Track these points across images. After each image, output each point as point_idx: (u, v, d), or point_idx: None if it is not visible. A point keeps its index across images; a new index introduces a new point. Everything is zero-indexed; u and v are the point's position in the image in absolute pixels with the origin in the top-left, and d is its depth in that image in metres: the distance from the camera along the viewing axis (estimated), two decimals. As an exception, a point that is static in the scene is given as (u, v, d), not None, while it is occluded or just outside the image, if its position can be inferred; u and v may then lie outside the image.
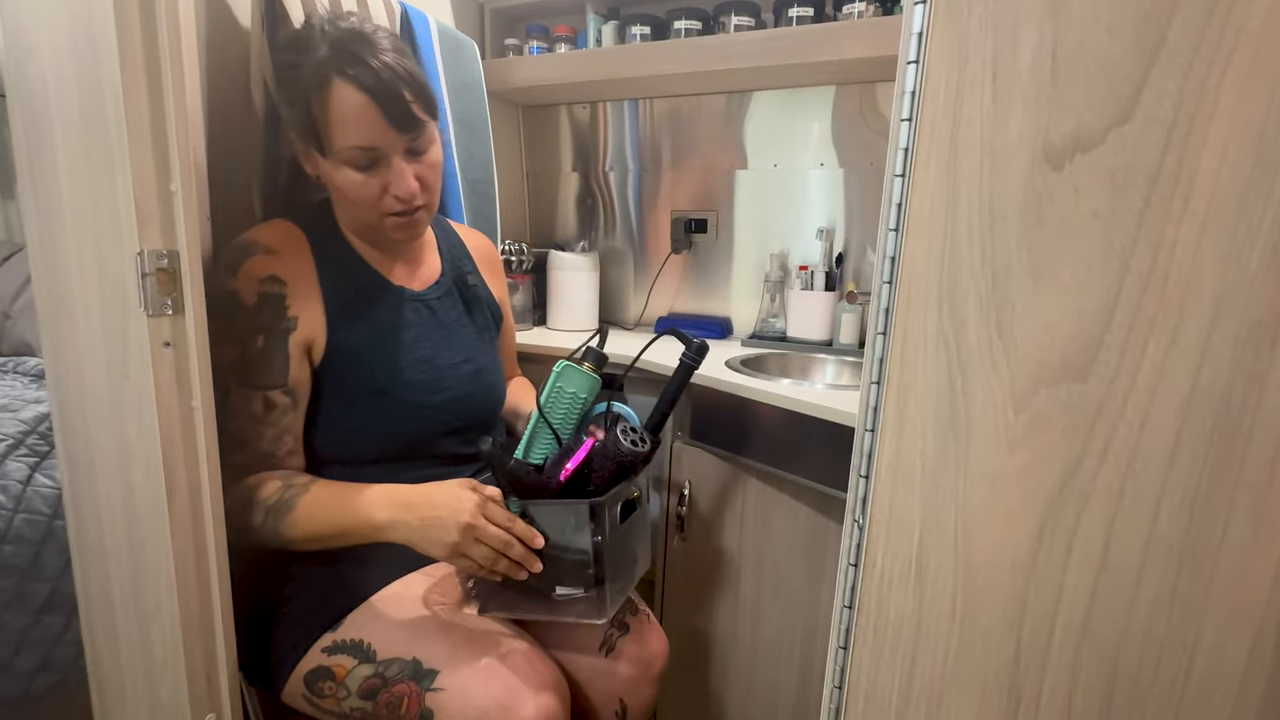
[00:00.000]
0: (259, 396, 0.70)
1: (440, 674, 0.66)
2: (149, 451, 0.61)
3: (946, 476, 0.34)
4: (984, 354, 0.32)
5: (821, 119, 1.26)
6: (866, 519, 0.35)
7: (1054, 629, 0.33)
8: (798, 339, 1.27)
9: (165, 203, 0.58)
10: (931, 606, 0.35)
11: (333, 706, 0.69)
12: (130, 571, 0.66)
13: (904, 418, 0.34)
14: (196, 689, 0.66)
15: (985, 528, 0.33)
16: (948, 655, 0.35)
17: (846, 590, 0.37)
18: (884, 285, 0.33)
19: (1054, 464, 0.32)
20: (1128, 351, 0.29)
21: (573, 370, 0.74)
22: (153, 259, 0.57)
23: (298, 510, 0.68)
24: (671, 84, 1.29)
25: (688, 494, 1.08)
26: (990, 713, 0.34)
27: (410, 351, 0.77)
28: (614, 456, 0.70)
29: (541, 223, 1.57)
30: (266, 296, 0.69)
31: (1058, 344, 0.31)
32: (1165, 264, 0.28)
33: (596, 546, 0.68)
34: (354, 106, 0.66)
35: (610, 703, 0.80)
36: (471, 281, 0.88)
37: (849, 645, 0.37)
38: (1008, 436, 0.32)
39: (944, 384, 0.33)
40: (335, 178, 0.70)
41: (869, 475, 0.35)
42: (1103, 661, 0.32)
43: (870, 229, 1.25)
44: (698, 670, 1.12)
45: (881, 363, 0.34)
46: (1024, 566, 0.33)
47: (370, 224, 0.73)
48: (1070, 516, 0.32)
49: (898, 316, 0.33)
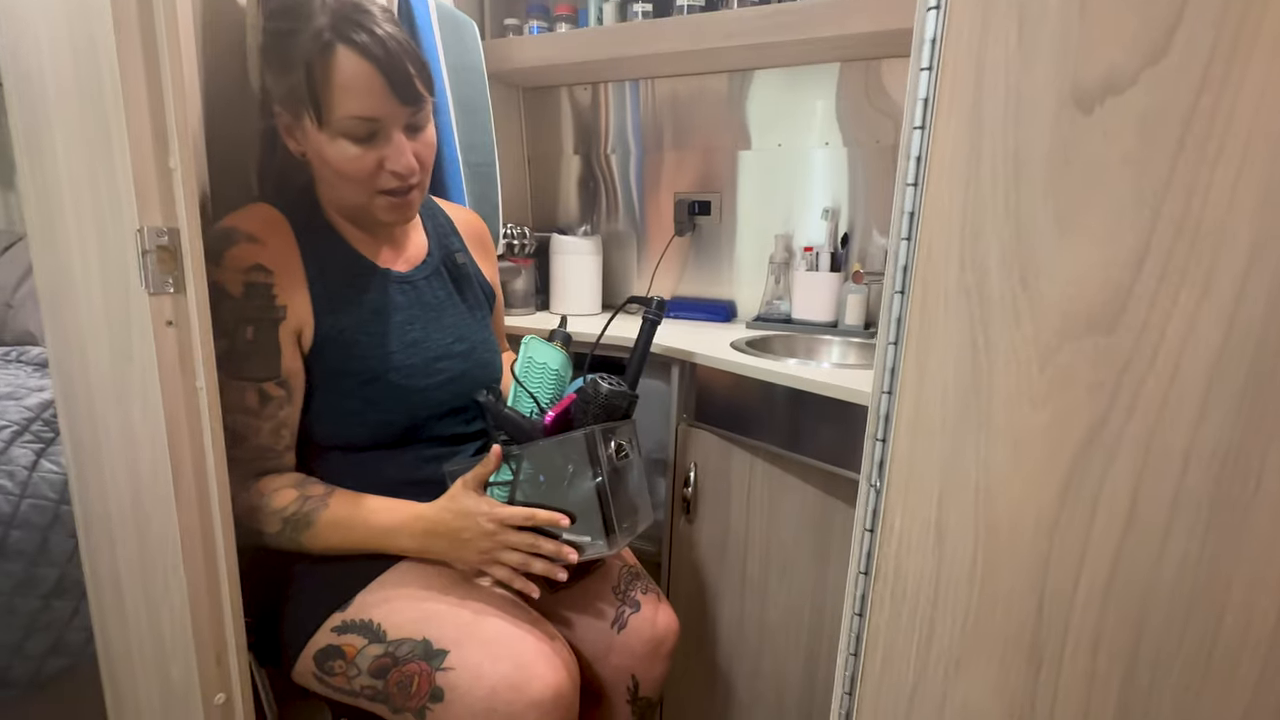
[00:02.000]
0: (253, 389, 0.69)
1: (450, 653, 0.66)
2: (154, 433, 0.61)
3: (968, 436, 0.33)
4: (1007, 308, 0.31)
5: (826, 97, 1.24)
6: (884, 482, 0.35)
7: (1077, 588, 0.32)
8: (803, 321, 1.26)
9: (164, 179, 0.57)
10: (951, 569, 0.34)
11: (343, 685, 0.69)
12: (137, 553, 0.66)
13: (924, 377, 0.33)
14: (206, 669, 0.66)
15: (1007, 487, 0.33)
16: (967, 618, 0.34)
17: (862, 557, 0.36)
18: (902, 242, 0.33)
19: (1079, 419, 0.31)
20: (1157, 302, 0.29)
21: (538, 341, 0.81)
22: (153, 236, 0.56)
23: (318, 526, 0.68)
24: (674, 63, 1.27)
25: (693, 476, 1.08)
26: (1011, 674, 0.34)
27: (400, 335, 0.76)
28: (595, 401, 0.72)
29: (543, 206, 1.56)
30: (253, 286, 0.68)
31: (1085, 295, 0.30)
32: (1198, 210, 0.27)
33: (599, 485, 0.69)
34: (358, 74, 0.64)
35: (622, 678, 0.80)
36: (460, 260, 0.86)
37: (865, 611, 0.36)
38: (1031, 393, 0.32)
39: (965, 341, 0.32)
40: (328, 151, 0.67)
41: (886, 439, 0.35)
42: (1127, 621, 0.31)
43: (876, 209, 1.24)
44: (705, 651, 1.12)
45: (899, 322, 0.33)
46: (1047, 525, 0.32)
47: (360, 203, 0.71)
48: (1095, 473, 0.31)
49: (917, 273, 0.32)
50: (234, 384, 0.68)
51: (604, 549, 0.71)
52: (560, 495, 0.72)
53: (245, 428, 0.69)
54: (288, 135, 0.70)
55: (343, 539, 0.69)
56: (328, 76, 0.64)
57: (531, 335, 0.83)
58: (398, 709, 0.68)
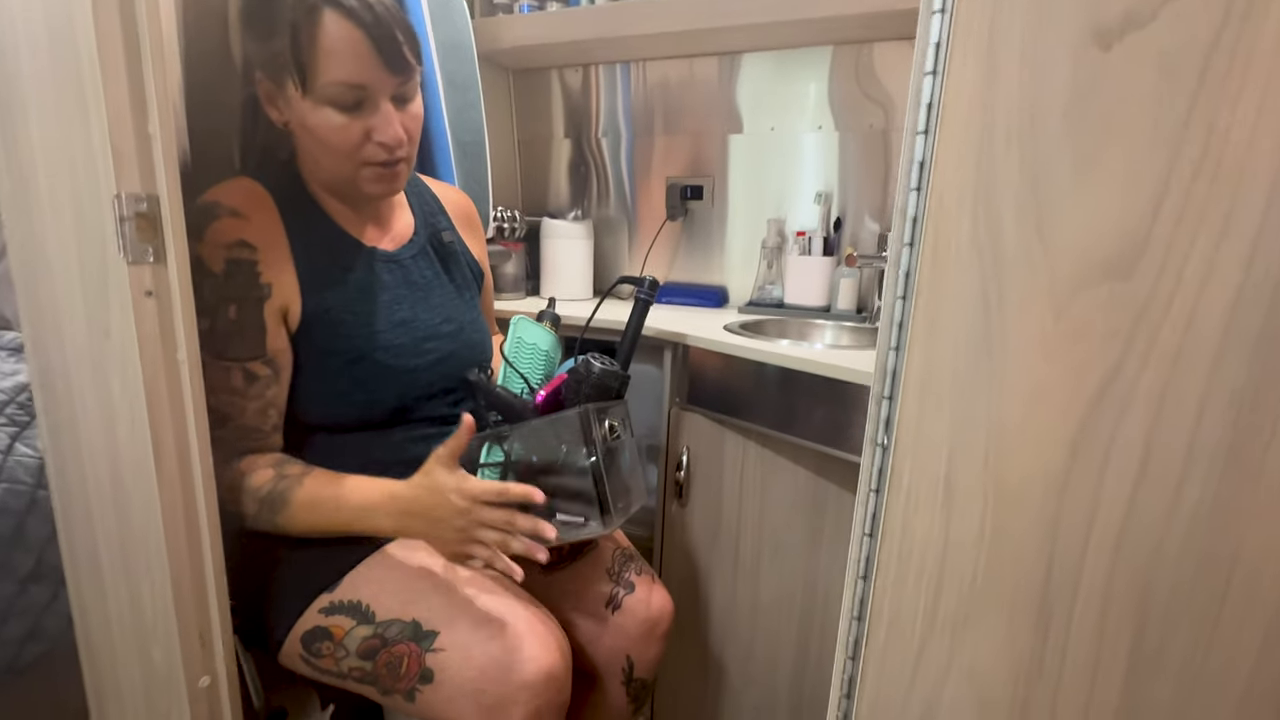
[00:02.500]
0: (238, 369, 0.67)
1: (440, 634, 0.65)
2: (133, 407, 0.59)
3: (979, 390, 0.32)
4: (1022, 258, 0.31)
5: (818, 81, 1.24)
6: (892, 440, 0.34)
7: (1088, 544, 0.32)
8: (795, 305, 1.26)
9: (143, 145, 0.55)
10: (959, 527, 0.34)
11: (331, 667, 0.68)
12: (117, 532, 0.65)
13: (934, 332, 0.33)
14: (190, 650, 0.65)
15: (1018, 442, 0.32)
16: (975, 577, 0.34)
17: (867, 519, 0.36)
18: (912, 193, 0.32)
19: (1093, 370, 0.30)
20: (1175, 245, 0.28)
21: (527, 322, 0.81)
22: (131, 203, 0.54)
23: (293, 506, 0.66)
24: (667, 44, 1.26)
25: (685, 460, 1.08)
26: (1018, 634, 0.34)
27: (388, 314, 0.74)
28: (588, 380, 0.72)
29: (534, 191, 1.54)
30: (236, 263, 0.65)
31: (1101, 242, 0.29)
32: (1218, 150, 0.27)
33: (593, 465, 0.68)
34: (346, 39, 0.62)
35: (616, 660, 0.79)
36: (447, 239, 0.84)
37: (869, 574, 0.36)
38: (1045, 344, 0.31)
39: (977, 293, 0.32)
40: (312, 120, 0.65)
41: (893, 396, 0.34)
42: (1138, 576, 0.31)
43: (868, 194, 1.24)
44: (697, 635, 1.12)
45: (908, 276, 0.33)
46: (1058, 480, 0.32)
47: (344, 175, 0.69)
48: (1108, 425, 0.31)
49: (928, 224, 0.32)
50: (218, 364, 0.66)
51: (599, 529, 0.70)
52: (554, 476, 0.71)
53: (231, 408, 0.67)
54: (270, 104, 0.68)
55: (318, 519, 0.67)
56: (314, 40, 0.62)
57: (520, 315, 0.82)
58: (387, 691, 0.67)
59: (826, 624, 1.03)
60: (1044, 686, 0.34)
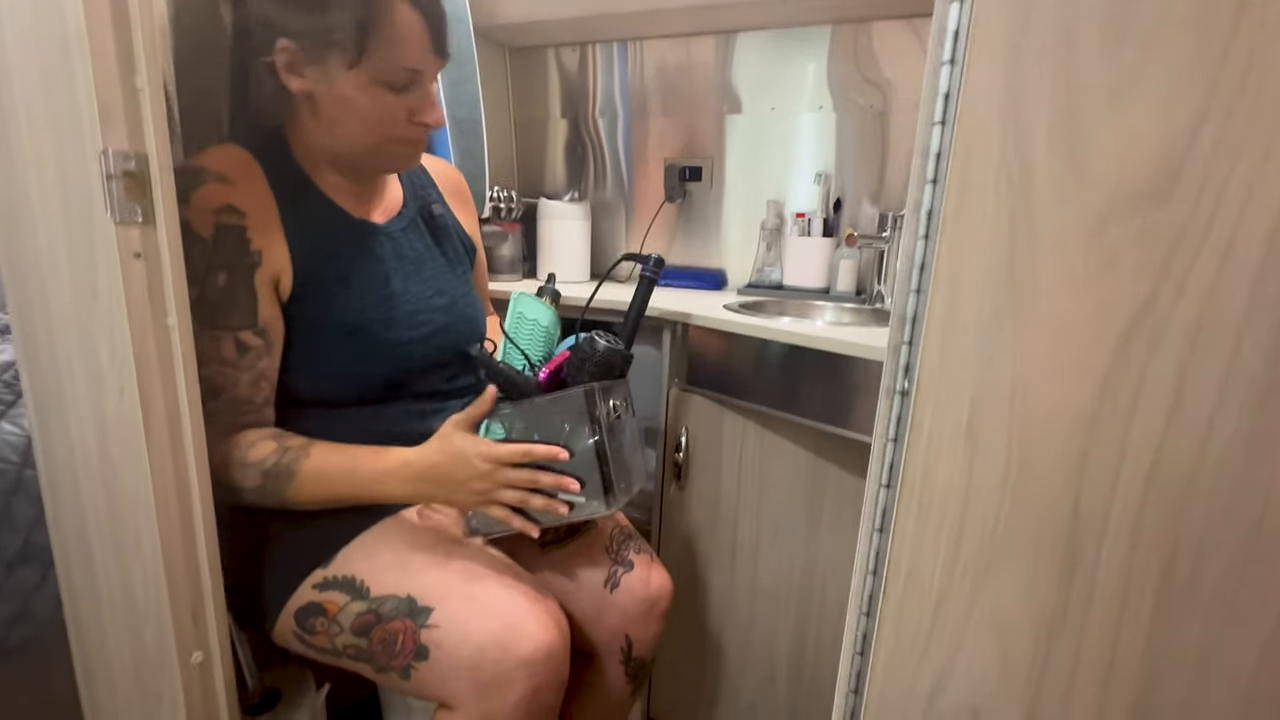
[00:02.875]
0: (229, 338, 0.65)
1: (435, 610, 0.64)
2: (122, 374, 0.57)
3: (1004, 329, 0.31)
4: (1053, 189, 0.30)
5: (817, 60, 1.22)
6: (913, 386, 0.33)
7: (1116, 483, 0.31)
8: (794, 287, 1.25)
9: (130, 100, 0.53)
10: (982, 473, 0.33)
11: (325, 644, 0.67)
12: (106, 506, 0.63)
13: (958, 269, 0.32)
14: (182, 627, 0.63)
15: (1045, 381, 0.31)
16: (998, 524, 0.33)
17: (884, 469, 0.35)
18: (935, 127, 0.31)
19: (1126, 302, 0.29)
20: (1213, 170, 0.27)
21: (528, 297, 0.80)
22: (118, 160, 0.53)
23: (301, 477, 0.65)
24: (663, 22, 1.24)
25: (684, 441, 1.07)
26: (1042, 580, 0.33)
27: (380, 286, 0.73)
28: (591, 357, 0.71)
29: (530, 172, 1.52)
30: (225, 229, 0.64)
31: (1137, 169, 0.28)
32: (1260, 75, 0.26)
33: (596, 444, 0.67)
34: (409, 24, 0.63)
35: (615, 639, 0.79)
36: (437, 211, 0.83)
37: (886, 527, 0.35)
38: (1074, 278, 0.30)
39: (1005, 228, 0.31)
40: (358, 95, 0.65)
41: (913, 341, 0.33)
42: (1168, 513, 0.30)
43: (867, 176, 1.23)
44: (695, 619, 1.11)
45: (930, 215, 0.31)
46: (1086, 419, 0.31)
47: (367, 148, 0.68)
48: (1140, 358, 0.30)
49: (955, 156, 0.30)
50: (209, 333, 0.64)
51: (601, 509, 0.69)
52: None
53: (223, 379, 0.65)
54: (290, 72, 0.65)
55: (328, 489, 0.66)
56: (381, 24, 0.62)
57: (521, 291, 0.82)
58: (382, 668, 0.65)
59: (825, 608, 1.03)
60: (1068, 631, 0.33)
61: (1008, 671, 0.34)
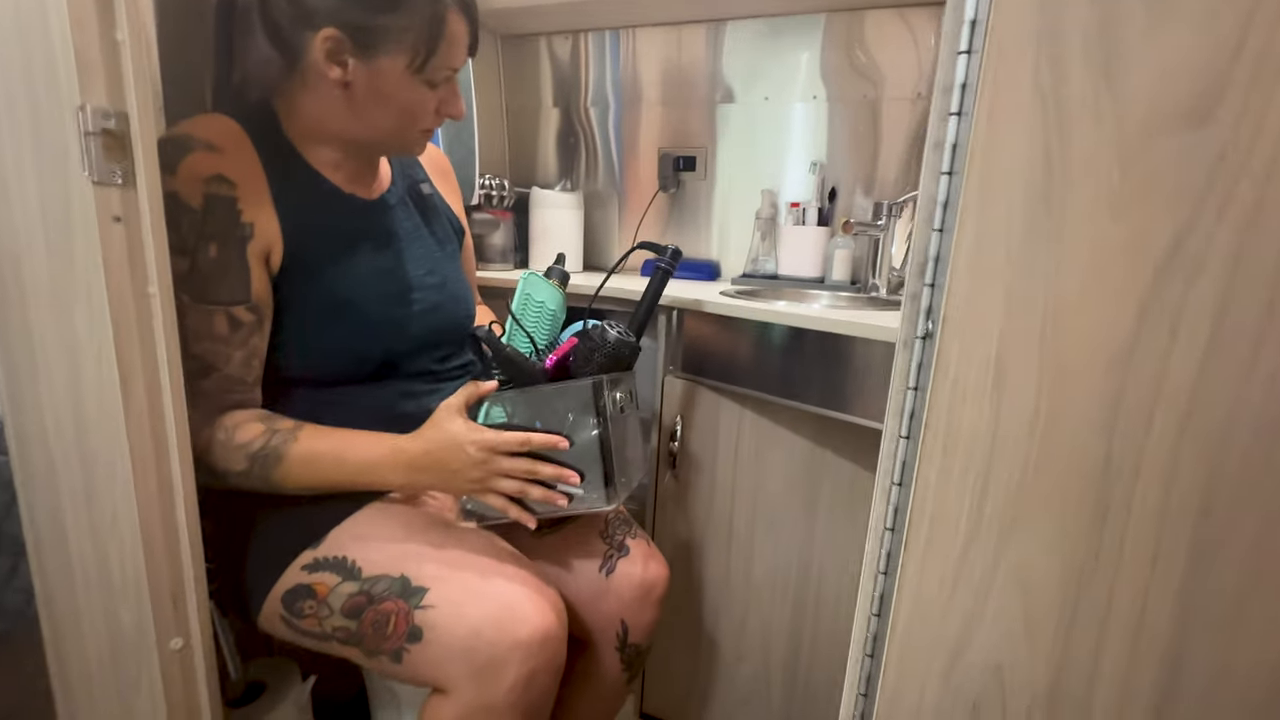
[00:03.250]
0: (221, 313, 0.63)
1: (430, 591, 0.62)
2: (100, 343, 0.55)
3: (1036, 260, 0.30)
4: (1088, 109, 0.29)
5: (810, 50, 1.22)
6: (939, 325, 0.32)
7: (1152, 423, 0.30)
8: (789, 276, 1.25)
9: (110, 54, 0.51)
10: (1010, 415, 0.32)
11: (313, 627, 0.64)
12: (82, 484, 0.60)
13: (986, 199, 0.30)
14: (162, 610, 0.61)
15: (1078, 315, 0.30)
16: (1026, 469, 0.32)
17: (905, 419, 0.34)
18: (960, 57, 0.30)
19: (1163, 230, 0.28)
20: (1257, 87, 0.26)
21: (537, 278, 0.79)
22: (97, 117, 0.50)
23: (289, 461, 0.63)
24: (656, 9, 1.23)
25: (679, 430, 1.05)
26: (1073, 525, 0.32)
27: (371, 263, 0.71)
28: (601, 348, 0.69)
29: (521, 161, 1.50)
30: (215, 199, 0.62)
31: (1176, 87, 0.27)
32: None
33: (601, 436, 0.65)
34: (459, 31, 0.66)
35: (611, 625, 0.77)
36: (426, 190, 0.82)
37: (906, 480, 0.34)
38: (1111, 203, 0.29)
39: (1038, 152, 0.30)
40: (402, 91, 0.66)
41: (935, 284, 0.32)
42: (1205, 452, 0.29)
43: (860, 165, 1.23)
44: (690, 610, 1.10)
45: (955, 149, 0.30)
46: (1121, 354, 0.30)
47: (391, 135, 0.70)
48: (1178, 290, 0.29)
49: (986, 78, 0.29)
50: (200, 308, 0.62)
51: (601, 503, 0.67)
52: None
53: (213, 357, 0.63)
54: (330, 60, 0.63)
55: (317, 475, 0.64)
56: (441, 32, 0.64)
57: (530, 271, 0.80)
58: (372, 652, 0.63)
59: (821, 598, 1.02)
60: (1098, 584, 0.32)
61: (1033, 627, 0.33)
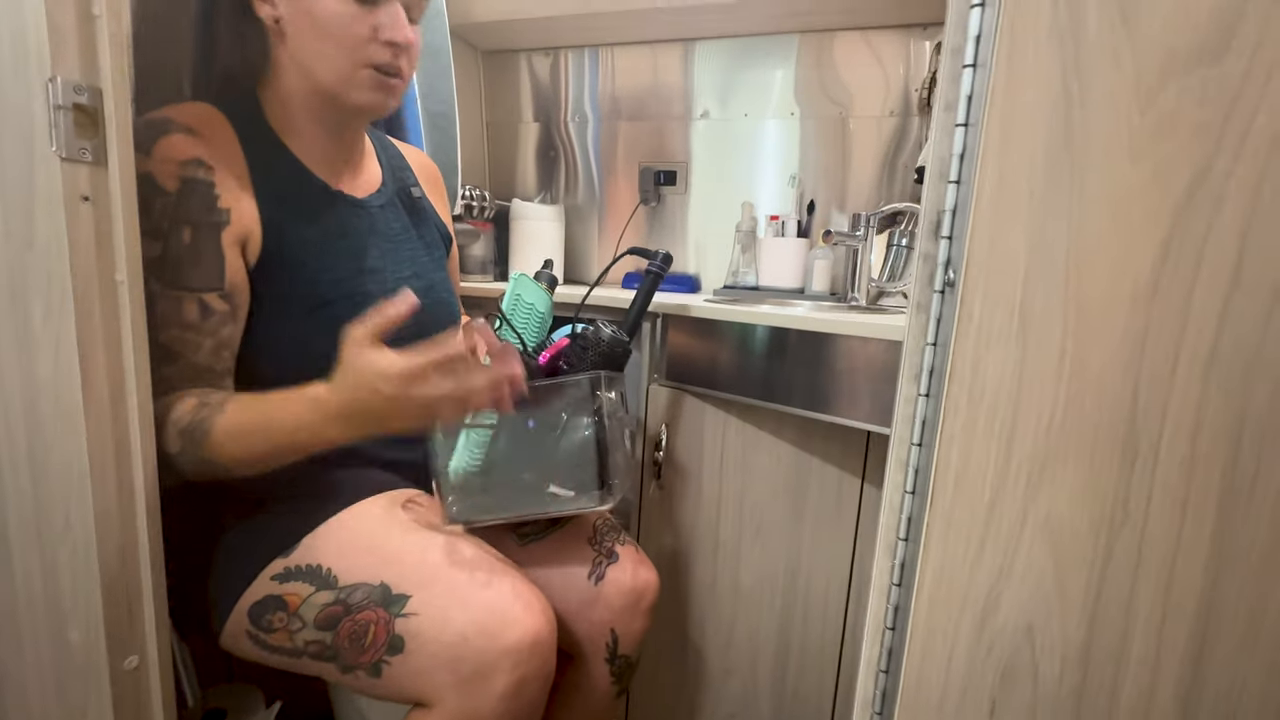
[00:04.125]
0: (193, 300, 0.60)
1: (413, 597, 0.59)
2: (60, 333, 0.51)
3: (1058, 200, 0.31)
4: (1105, 48, 0.29)
5: (785, 68, 1.26)
6: (960, 274, 0.32)
7: (1177, 363, 0.30)
8: (770, 288, 1.26)
9: (85, 26, 0.49)
10: (1036, 357, 0.31)
11: (283, 642, 0.60)
12: (30, 486, 0.56)
13: (1009, 143, 0.31)
14: (115, 625, 0.56)
15: (1101, 254, 0.30)
16: (1054, 414, 0.32)
17: (924, 377, 0.33)
18: (974, 10, 0.30)
19: (1183, 167, 0.29)
20: (1272, 19, 0.27)
21: (527, 279, 0.79)
22: (68, 90, 0.48)
23: (216, 434, 0.56)
24: (637, 26, 1.26)
25: (664, 439, 1.04)
26: (1102, 472, 0.31)
27: (355, 260, 0.69)
28: (595, 346, 0.68)
29: (501, 174, 1.50)
30: (190, 183, 0.59)
31: (1192, 21, 0.28)
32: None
33: (596, 434, 0.63)
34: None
35: (600, 634, 0.74)
36: (416, 194, 0.80)
37: (928, 440, 0.33)
38: (1131, 143, 0.29)
39: (1057, 94, 0.30)
40: (321, 7, 0.60)
41: (952, 235, 0.32)
42: (1232, 393, 0.29)
43: (833, 180, 1.26)
44: (676, 621, 1.07)
45: (970, 100, 0.31)
46: (1145, 293, 0.30)
47: (340, 77, 0.63)
48: (1200, 227, 0.29)
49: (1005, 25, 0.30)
50: (170, 294, 0.59)
51: (592, 503, 0.65)
52: (551, 443, 0.66)
53: (181, 345, 0.59)
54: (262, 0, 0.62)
55: (245, 445, 0.57)
56: None
57: (520, 273, 0.80)
58: (348, 667, 0.59)
59: (810, 607, 1.00)
60: (1129, 532, 0.31)
61: (1064, 582, 0.32)
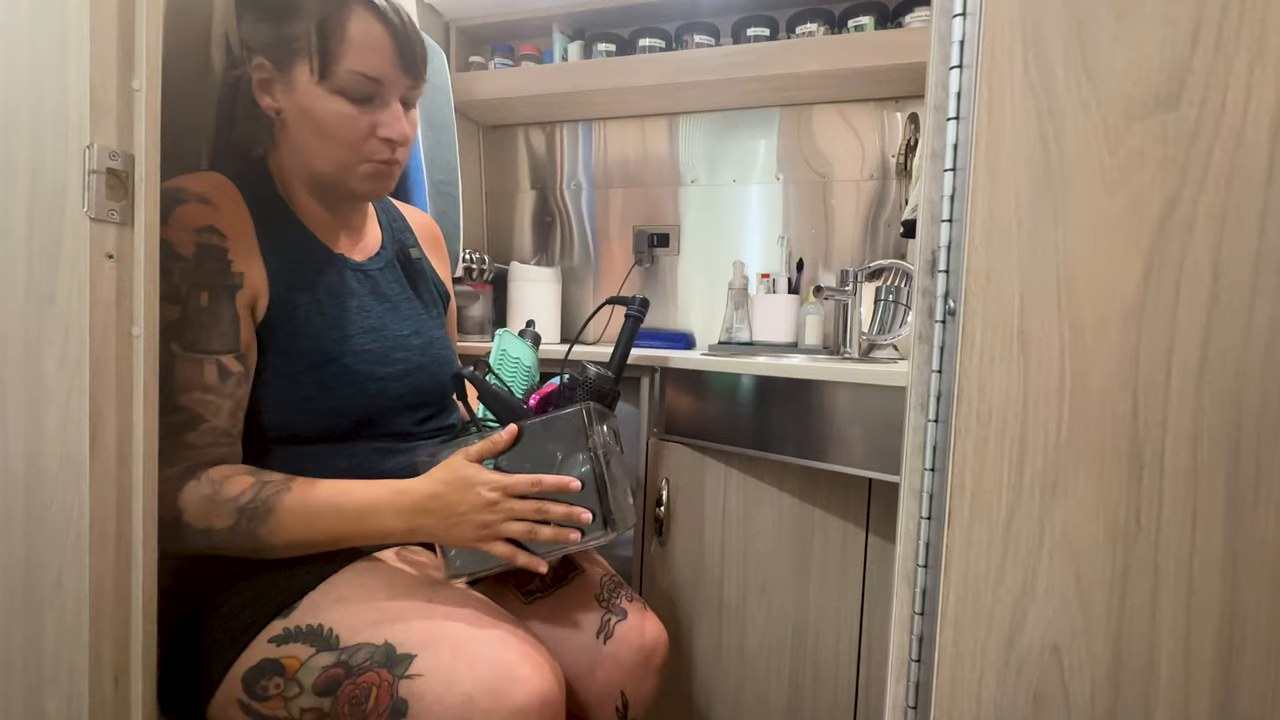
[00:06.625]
0: (212, 362, 0.61)
1: (418, 658, 0.57)
2: (71, 387, 0.52)
3: (1045, 231, 0.33)
4: (1073, 97, 0.32)
5: (768, 138, 1.34)
6: (960, 302, 0.33)
7: (1170, 375, 0.31)
8: (763, 342, 1.28)
9: (125, 98, 0.52)
10: (1038, 377, 0.33)
11: (277, 710, 0.57)
12: (23, 545, 0.54)
13: (995, 177, 0.33)
14: (100, 693, 0.53)
15: (1089, 279, 0.32)
16: (1060, 429, 0.33)
17: (932, 403, 0.34)
18: (952, 71, 0.33)
19: (1154, 198, 0.32)
20: (1215, 72, 0.31)
21: (511, 335, 0.81)
22: (103, 156, 0.50)
23: (279, 513, 0.59)
24: (630, 101, 1.34)
25: (665, 494, 1.03)
26: (1112, 484, 0.32)
27: (357, 320, 0.71)
28: (582, 384, 0.70)
29: (499, 239, 1.55)
30: (206, 249, 0.62)
31: (1146, 76, 0.31)
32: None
33: (594, 467, 0.63)
34: (373, 34, 0.64)
35: (610, 696, 0.71)
36: (415, 255, 0.83)
37: (940, 464, 0.34)
38: (1105, 179, 0.32)
39: (1035, 137, 0.33)
40: (320, 106, 0.64)
41: (949, 269, 0.34)
42: (1225, 400, 0.31)
43: (816, 241, 1.32)
44: (680, 685, 1.02)
45: (956, 147, 0.33)
46: (1133, 313, 0.32)
47: (339, 168, 0.68)
48: (1175, 250, 0.31)
49: (982, 82, 0.33)
50: (191, 357, 0.60)
51: (601, 537, 0.64)
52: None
53: (203, 407, 0.60)
54: (263, 91, 0.66)
55: (310, 527, 0.60)
56: (341, 30, 0.63)
57: (504, 329, 0.82)
58: (347, 736, 0.56)
59: (820, 666, 0.97)
60: (1143, 543, 0.32)
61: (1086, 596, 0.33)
